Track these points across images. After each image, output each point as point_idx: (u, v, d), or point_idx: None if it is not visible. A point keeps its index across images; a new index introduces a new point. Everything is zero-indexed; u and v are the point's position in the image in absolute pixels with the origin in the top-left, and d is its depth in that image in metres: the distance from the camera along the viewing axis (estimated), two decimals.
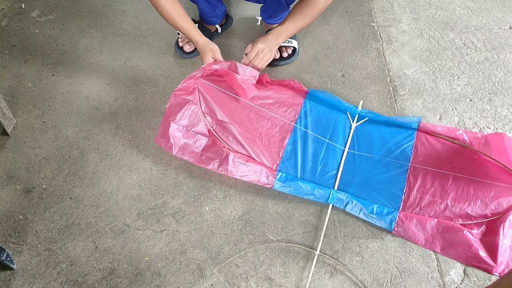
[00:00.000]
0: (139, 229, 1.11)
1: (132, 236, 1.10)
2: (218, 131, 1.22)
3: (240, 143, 1.20)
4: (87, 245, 1.08)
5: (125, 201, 1.16)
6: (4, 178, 1.20)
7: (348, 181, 1.16)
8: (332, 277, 1.04)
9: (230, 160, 1.14)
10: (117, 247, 1.08)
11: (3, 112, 1.24)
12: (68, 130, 1.30)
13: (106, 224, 1.12)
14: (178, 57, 1.49)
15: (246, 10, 1.64)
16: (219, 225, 1.12)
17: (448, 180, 1.14)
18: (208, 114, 1.23)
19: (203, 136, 1.19)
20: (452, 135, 1.20)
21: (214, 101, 1.23)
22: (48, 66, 1.46)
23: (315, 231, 1.11)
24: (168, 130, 1.15)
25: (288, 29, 1.26)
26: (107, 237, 1.09)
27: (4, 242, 1.09)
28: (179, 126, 1.16)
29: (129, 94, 1.38)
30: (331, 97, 1.30)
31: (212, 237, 1.10)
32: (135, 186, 1.18)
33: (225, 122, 1.22)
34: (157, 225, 1.12)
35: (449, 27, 1.59)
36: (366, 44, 1.53)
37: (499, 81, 1.43)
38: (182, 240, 1.09)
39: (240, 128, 1.22)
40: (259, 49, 1.23)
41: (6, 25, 1.59)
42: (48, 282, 1.03)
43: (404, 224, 1.08)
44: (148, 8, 1.64)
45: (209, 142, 1.18)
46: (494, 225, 1.05)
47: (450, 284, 1.03)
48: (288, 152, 1.21)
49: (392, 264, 1.06)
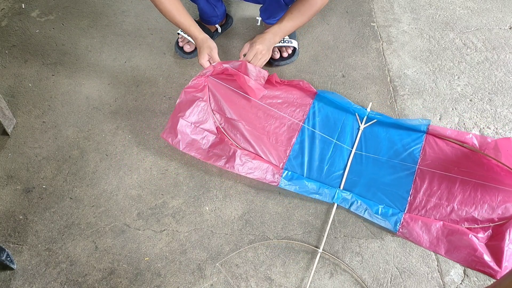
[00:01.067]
0: (139, 229, 1.11)
1: (132, 236, 1.10)
2: (226, 128, 1.23)
3: (248, 140, 1.21)
4: (87, 245, 1.08)
5: (125, 201, 1.16)
6: (4, 178, 1.20)
7: (354, 181, 1.16)
8: (332, 277, 1.04)
9: (237, 158, 1.15)
10: (117, 247, 1.08)
11: (3, 112, 1.24)
12: (68, 130, 1.30)
13: (106, 224, 1.12)
14: (178, 57, 1.49)
15: (246, 10, 1.64)
16: (219, 225, 1.12)
17: (456, 183, 1.13)
18: (217, 111, 1.24)
19: (211, 133, 1.20)
20: (462, 139, 1.20)
21: (224, 99, 1.24)
22: (48, 66, 1.46)
23: (315, 231, 1.11)
24: (176, 126, 1.16)
25: (285, 27, 1.26)
26: (107, 237, 1.09)
27: (4, 242, 1.09)
28: (188, 122, 1.17)
29: (129, 94, 1.38)
30: (340, 98, 1.30)
31: (212, 237, 1.10)
32: (135, 186, 1.18)
33: (233, 120, 1.22)
34: (157, 225, 1.12)
35: (449, 27, 1.59)
36: (366, 44, 1.53)
37: (499, 81, 1.43)
38: (182, 240, 1.09)
39: (248, 126, 1.22)
40: (257, 50, 1.23)
41: (6, 25, 1.59)
42: (48, 282, 1.03)
43: (409, 226, 1.08)
44: (148, 8, 1.64)
45: (217, 139, 1.19)
46: (500, 230, 1.05)
47: (450, 284, 1.03)
48: (295, 151, 1.21)
49: (392, 264, 1.06)
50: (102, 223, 1.12)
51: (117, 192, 1.17)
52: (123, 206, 1.15)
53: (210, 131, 1.20)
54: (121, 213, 1.14)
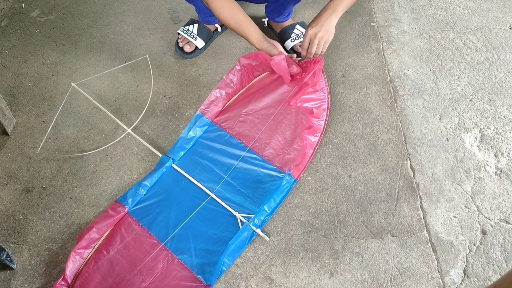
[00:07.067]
0: None
1: None
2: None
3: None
4: None
5: None
6: (4, 178, 1.20)
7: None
8: (332, 277, 1.04)
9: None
10: None
11: (3, 112, 1.24)
12: (68, 130, 1.30)
13: None
14: (178, 57, 1.49)
15: (246, 10, 1.64)
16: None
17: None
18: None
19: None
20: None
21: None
22: (48, 66, 1.46)
23: (315, 231, 1.11)
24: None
25: (344, 1, 1.15)
26: None
27: (4, 242, 1.09)
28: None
29: (129, 94, 1.38)
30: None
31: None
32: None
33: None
34: None
35: (449, 27, 1.59)
36: (366, 44, 1.53)
37: (499, 81, 1.43)
38: None
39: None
40: (319, 39, 1.16)
41: (6, 25, 1.59)
42: (48, 282, 1.03)
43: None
44: (148, 8, 1.64)
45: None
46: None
47: (450, 284, 1.03)
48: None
49: (392, 264, 1.06)
50: None
51: (117, 192, 1.17)
52: None
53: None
54: None
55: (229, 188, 1.16)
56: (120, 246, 1.06)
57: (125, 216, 1.10)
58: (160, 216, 1.11)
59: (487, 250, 1.08)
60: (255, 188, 1.15)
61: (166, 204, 1.13)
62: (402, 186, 1.18)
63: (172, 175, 1.18)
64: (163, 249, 1.05)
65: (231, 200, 1.13)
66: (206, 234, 1.08)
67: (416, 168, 1.22)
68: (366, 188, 1.18)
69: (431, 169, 1.21)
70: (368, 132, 1.29)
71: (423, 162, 1.23)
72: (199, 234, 1.08)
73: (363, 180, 1.19)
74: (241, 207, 1.12)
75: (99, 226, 1.05)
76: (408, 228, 1.11)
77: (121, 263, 1.03)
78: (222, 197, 1.13)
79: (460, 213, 1.14)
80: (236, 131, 1.25)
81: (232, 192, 1.15)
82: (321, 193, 1.17)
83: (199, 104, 1.35)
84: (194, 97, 1.38)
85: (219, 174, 1.18)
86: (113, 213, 1.09)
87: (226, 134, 1.25)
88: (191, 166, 1.20)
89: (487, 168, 1.22)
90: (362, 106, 1.34)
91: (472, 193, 1.17)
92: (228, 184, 1.16)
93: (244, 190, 1.15)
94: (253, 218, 1.07)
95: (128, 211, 1.11)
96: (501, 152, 1.25)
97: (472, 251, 1.08)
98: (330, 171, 1.21)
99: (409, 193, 1.17)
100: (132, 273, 1.02)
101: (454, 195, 1.17)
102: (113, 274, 1.02)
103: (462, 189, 1.18)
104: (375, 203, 1.15)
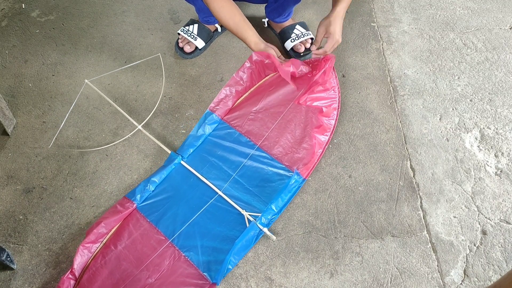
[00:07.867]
0: None
1: None
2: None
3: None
4: None
5: None
6: (4, 178, 1.20)
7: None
8: (332, 278, 1.04)
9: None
10: None
11: (4, 112, 1.24)
12: (68, 130, 1.30)
13: None
14: (178, 57, 1.49)
15: (246, 10, 1.64)
16: None
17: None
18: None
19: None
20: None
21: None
22: (48, 66, 1.46)
23: (315, 231, 1.11)
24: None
25: (347, 2, 1.21)
26: None
27: (4, 242, 1.09)
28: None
29: (129, 94, 1.38)
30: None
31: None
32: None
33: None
34: None
35: (449, 27, 1.59)
36: (367, 44, 1.53)
37: (500, 81, 1.43)
38: None
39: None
40: (337, 42, 1.22)
41: (6, 25, 1.59)
42: (48, 282, 1.03)
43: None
44: (148, 8, 1.64)
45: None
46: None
47: (450, 284, 1.03)
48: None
49: (392, 264, 1.06)
50: None
51: (118, 193, 1.17)
52: None
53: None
54: None
55: (237, 186, 1.16)
56: (128, 241, 1.06)
57: (133, 211, 1.11)
58: (168, 213, 1.11)
59: (487, 250, 1.08)
60: (263, 186, 1.15)
61: (174, 201, 1.13)
62: (402, 186, 1.18)
63: (180, 172, 1.18)
64: (170, 246, 1.06)
65: (238, 198, 1.13)
66: (213, 232, 1.08)
67: (416, 168, 1.22)
68: (366, 188, 1.18)
69: (431, 169, 1.21)
70: (368, 132, 1.29)
71: (423, 162, 1.23)
72: (206, 231, 1.08)
73: (363, 180, 1.19)
74: (249, 205, 1.12)
75: (107, 221, 1.06)
76: (408, 228, 1.11)
77: (128, 259, 1.03)
78: (230, 195, 1.13)
79: (460, 213, 1.14)
80: (245, 129, 1.25)
81: (240, 190, 1.15)
82: (321, 193, 1.17)
83: (199, 104, 1.35)
84: (194, 97, 1.38)
85: (228, 172, 1.18)
86: (122, 208, 1.09)
87: (236, 132, 1.25)
88: (199, 164, 1.20)
89: (487, 168, 1.22)
90: (362, 106, 1.34)
91: (472, 193, 1.17)
92: (236, 182, 1.16)
93: (252, 188, 1.15)
94: (260, 217, 1.07)
95: (136, 207, 1.11)
96: (501, 152, 1.25)
97: (472, 251, 1.08)
98: (330, 171, 1.21)
99: (409, 193, 1.17)
100: (139, 269, 1.02)
101: (454, 195, 1.17)
102: (120, 269, 1.02)
103: (462, 189, 1.18)
104: (375, 203, 1.15)
